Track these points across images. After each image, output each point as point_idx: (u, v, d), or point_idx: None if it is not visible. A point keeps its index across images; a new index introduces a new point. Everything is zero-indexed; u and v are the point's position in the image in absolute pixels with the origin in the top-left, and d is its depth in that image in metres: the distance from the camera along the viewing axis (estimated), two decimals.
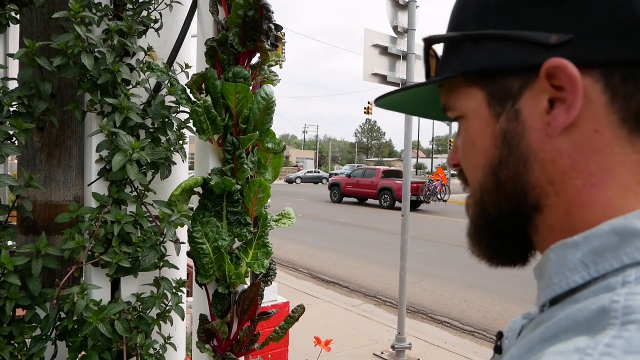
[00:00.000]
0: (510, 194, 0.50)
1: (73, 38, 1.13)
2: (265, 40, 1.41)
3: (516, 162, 0.49)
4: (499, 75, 0.50)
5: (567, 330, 0.40)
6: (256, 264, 1.43)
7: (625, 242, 0.42)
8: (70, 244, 1.16)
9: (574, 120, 0.45)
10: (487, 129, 0.51)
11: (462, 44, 0.52)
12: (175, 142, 1.33)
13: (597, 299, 0.39)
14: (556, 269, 0.46)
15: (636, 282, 0.39)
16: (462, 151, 0.56)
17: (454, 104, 0.55)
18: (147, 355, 1.24)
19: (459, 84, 0.54)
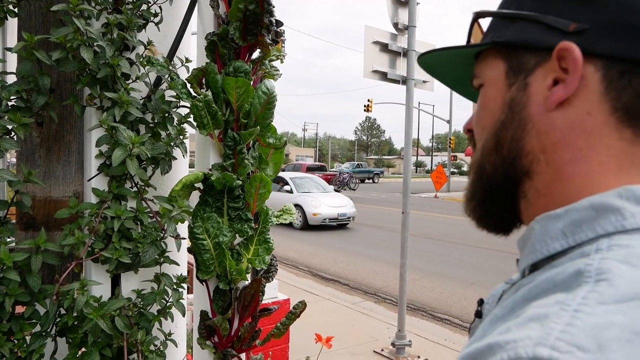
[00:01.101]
0: (506, 155, 0.56)
1: (72, 32, 1.11)
2: (266, 35, 1.39)
3: (516, 127, 0.56)
4: (521, 50, 0.56)
5: (547, 290, 0.46)
6: (257, 260, 1.42)
7: (600, 216, 0.48)
8: (70, 240, 1.15)
9: (570, 99, 0.52)
10: (499, 96, 0.58)
11: (500, 21, 0.59)
12: (176, 137, 1.32)
13: (573, 263, 0.46)
14: (539, 237, 0.51)
15: (607, 249, 0.45)
16: (476, 115, 0.62)
17: (480, 72, 0.62)
18: (147, 351, 1.23)
19: (489, 55, 0.60)
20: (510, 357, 0.38)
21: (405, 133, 5.14)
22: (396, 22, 5.25)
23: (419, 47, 5.30)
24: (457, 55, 0.66)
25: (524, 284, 0.50)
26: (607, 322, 0.38)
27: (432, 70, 0.73)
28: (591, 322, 0.38)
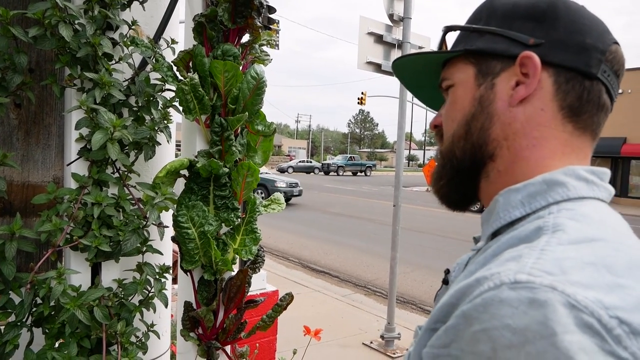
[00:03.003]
0: (475, 141, 0.69)
1: (50, 7, 1.06)
2: (256, 17, 1.34)
3: (484, 119, 0.68)
4: (489, 57, 0.69)
5: (512, 245, 0.58)
6: (244, 250, 1.38)
7: (550, 189, 0.62)
8: (47, 226, 1.10)
9: (529, 98, 0.65)
10: (469, 94, 0.70)
11: (471, 34, 0.71)
12: (160, 121, 1.27)
13: (532, 224, 0.59)
14: (503, 207, 0.64)
15: (557, 212, 0.59)
16: (446, 110, 0.73)
17: (450, 75, 0.73)
18: (127, 343, 1.19)
19: (459, 61, 0.72)
20: (496, 283, 0.49)
21: (398, 126, 5.10)
22: (391, 13, 5.20)
23: (414, 39, 5.25)
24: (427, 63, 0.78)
25: (490, 245, 0.62)
26: (565, 256, 0.51)
27: (401, 75, 0.85)
28: (554, 256, 0.51)
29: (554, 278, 0.47)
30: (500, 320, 0.46)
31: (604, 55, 0.66)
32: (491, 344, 0.47)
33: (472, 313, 0.49)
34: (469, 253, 0.73)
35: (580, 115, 0.66)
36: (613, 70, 0.67)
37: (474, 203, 0.75)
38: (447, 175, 0.73)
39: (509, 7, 0.69)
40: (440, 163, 0.74)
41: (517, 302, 0.46)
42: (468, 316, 0.50)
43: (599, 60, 0.65)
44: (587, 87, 0.65)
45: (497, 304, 0.47)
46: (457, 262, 0.76)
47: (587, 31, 0.66)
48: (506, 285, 0.48)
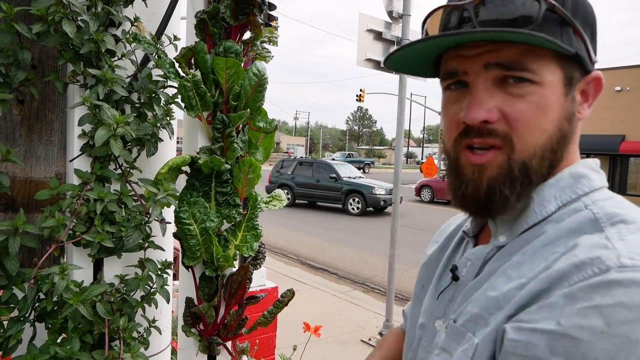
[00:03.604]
0: (559, 158, 0.68)
1: (54, 4, 1.06)
2: (258, 14, 1.35)
3: (569, 136, 0.69)
4: (575, 65, 0.66)
5: (563, 236, 0.62)
6: (245, 246, 1.38)
7: (577, 181, 0.68)
8: (50, 222, 1.11)
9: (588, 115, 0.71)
10: (559, 103, 0.66)
11: (567, 27, 0.64)
12: (162, 117, 1.27)
13: (578, 215, 0.64)
14: (538, 203, 0.67)
15: (593, 203, 0.65)
16: (526, 113, 0.65)
17: (537, 69, 0.64)
18: (129, 338, 1.19)
19: (546, 55, 0.64)
20: (601, 268, 0.54)
21: (397, 123, 5.11)
22: (390, 10, 5.20)
23: (413, 37, 5.25)
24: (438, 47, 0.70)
25: (528, 239, 0.66)
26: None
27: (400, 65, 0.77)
28: (636, 242, 0.56)
29: None
30: (613, 299, 0.51)
31: None
32: (604, 319, 0.50)
33: (577, 293, 0.53)
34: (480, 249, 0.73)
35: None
36: None
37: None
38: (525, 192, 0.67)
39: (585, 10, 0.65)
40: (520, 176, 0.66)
41: (628, 282, 0.51)
42: (572, 295, 0.53)
43: None
44: None
45: (606, 284, 0.52)
46: (466, 257, 0.75)
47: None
48: (614, 269, 0.53)
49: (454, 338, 0.67)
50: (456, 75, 0.68)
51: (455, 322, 0.69)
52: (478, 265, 0.72)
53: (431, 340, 0.77)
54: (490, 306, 0.62)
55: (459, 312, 0.70)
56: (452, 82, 0.69)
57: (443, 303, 0.77)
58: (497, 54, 0.63)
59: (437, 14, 0.69)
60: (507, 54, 0.63)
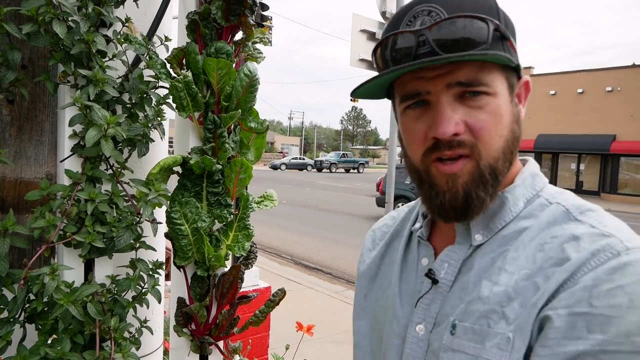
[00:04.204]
0: (514, 156, 0.77)
1: (44, 4, 1.06)
2: (249, 15, 1.35)
3: (520, 137, 0.77)
4: (513, 73, 0.75)
5: (544, 228, 0.71)
6: (237, 246, 1.39)
7: (534, 179, 0.79)
8: (40, 223, 1.11)
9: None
10: (509, 109, 0.74)
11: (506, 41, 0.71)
12: (154, 118, 1.27)
13: (551, 209, 0.74)
14: (512, 202, 0.76)
15: (553, 197, 0.76)
16: (487, 122, 0.71)
17: (491, 82, 0.71)
18: (121, 338, 1.19)
19: (494, 69, 0.71)
20: (614, 253, 0.63)
21: (390, 123, 5.12)
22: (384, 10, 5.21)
23: None
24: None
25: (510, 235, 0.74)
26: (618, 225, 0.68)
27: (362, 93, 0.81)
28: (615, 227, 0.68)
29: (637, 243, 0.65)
30: (630, 278, 0.61)
31: None
32: (628, 296, 0.60)
33: (600, 276, 0.62)
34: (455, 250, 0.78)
35: None
36: None
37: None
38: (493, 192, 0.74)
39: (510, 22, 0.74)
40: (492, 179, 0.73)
41: (636, 262, 0.62)
42: (596, 278, 0.62)
43: None
44: None
45: (623, 266, 0.61)
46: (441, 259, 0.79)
47: None
48: (623, 252, 0.63)
49: (469, 337, 0.70)
50: (418, 95, 0.72)
51: (462, 322, 0.71)
52: (457, 266, 0.77)
53: (421, 345, 0.77)
54: (502, 300, 0.68)
55: (461, 313, 0.72)
56: (413, 102, 0.73)
57: (422, 308, 0.79)
58: (457, 74, 0.68)
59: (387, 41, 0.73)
60: (466, 72, 0.68)
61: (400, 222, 0.98)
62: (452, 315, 0.73)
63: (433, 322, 0.77)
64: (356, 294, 1.00)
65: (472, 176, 0.71)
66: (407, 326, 0.80)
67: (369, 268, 0.98)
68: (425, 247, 0.85)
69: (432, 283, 0.78)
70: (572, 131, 24.70)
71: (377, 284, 0.94)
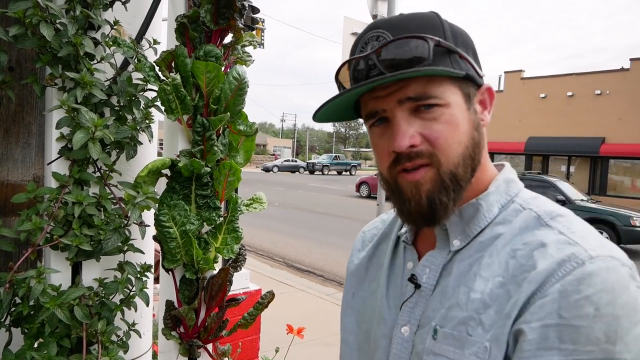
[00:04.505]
0: (475, 163, 0.79)
1: (31, 6, 1.06)
2: (238, 19, 1.36)
3: (481, 142, 0.80)
4: (469, 83, 0.78)
5: (518, 234, 0.74)
6: (225, 249, 1.39)
7: (509, 185, 0.82)
8: (26, 226, 1.10)
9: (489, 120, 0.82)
10: (466, 117, 0.77)
11: (454, 54, 0.76)
12: (142, 121, 1.27)
13: (523, 215, 0.76)
14: (487, 209, 0.79)
15: (526, 203, 0.78)
16: (443, 131, 0.75)
17: (441, 94, 0.75)
18: (108, 342, 1.19)
19: (444, 81, 0.75)
20: (579, 262, 0.65)
21: None
22: (375, 14, 5.24)
23: None
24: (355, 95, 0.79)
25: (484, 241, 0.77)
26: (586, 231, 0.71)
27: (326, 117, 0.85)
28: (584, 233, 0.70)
29: (605, 249, 0.67)
30: (595, 287, 0.63)
31: None
32: (593, 306, 0.62)
33: (567, 287, 0.64)
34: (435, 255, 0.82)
35: None
36: None
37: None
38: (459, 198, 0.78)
39: (460, 35, 0.78)
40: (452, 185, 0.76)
41: (600, 270, 0.64)
42: (564, 290, 0.64)
43: None
44: None
45: (588, 276, 0.64)
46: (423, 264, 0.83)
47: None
48: (587, 261, 0.65)
49: (449, 342, 0.73)
50: (377, 114, 0.78)
51: (442, 328, 0.74)
52: (438, 271, 0.80)
53: (407, 346, 0.81)
54: (478, 307, 0.71)
55: (441, 319, 0.75)
56: (375, 120, 0.79)
57: (406, 310, 0.82)
58: (405, 90, 0.74)
59: (345, 67, 0.80)
60: (414, 88, 0.74)
61: (388, 225, 1.01)
62: (434, 320, 0.76)
63: (417, 324, 0.80)
64: (345, 292, 1.03)
65: (433, 183, 0.75)
66: (394, 327, 0.83)
67: (358, 269, 1.00)
68: (410, 252, 0.88)
69: (414, 287, 0.81)
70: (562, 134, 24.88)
71: (365, 285, 0.96)
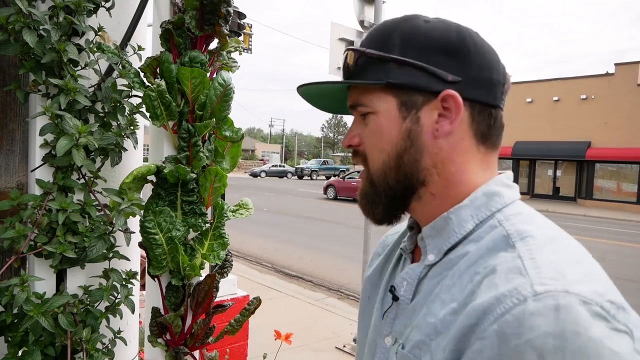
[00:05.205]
0: (408, 172, 0.74)
1: (14, 13, 1.05)
2: (223, 25, 1.36)
3: (414, 152, 0.74)
4: (411, 90, 0.73)
5: (484, 255, 0.66)
6: (212, 255, 1.39)
7: (490, 199, 0.73)
8: (10, 233, 1.09)
9: (452, 129, 0.73)
10: (395, 126, 0.74)
11: (388, 63, 0.73)
12: (127, 127, 1.27)
13: (493, 233, 0.68)
14: (457, 224, 0.72)
15: (506, 219, 0.69)
16: (369, 137, 0.77)
17: (368, 102, 0.76)
18: (93, 350, 1.18)
19: (376, 89, 0.75)
20: (520, 299, 0.55)
21: None
22: (362, 19, 5.27)
23: None
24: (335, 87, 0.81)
25: (453, 258, 0.70)
26: (552, 259, 0.60)
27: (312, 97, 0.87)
28: (547, 261, 0.59)
29: (561, 282, 0.56)
30: (538, 330, 0.53)
31: (504, 86, 0.76)
32: (537, 352, 0.53)
33: (506, 330, 0.55)
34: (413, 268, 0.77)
35: (489, 138, 0.76)
36: (506, 93, 0.77)
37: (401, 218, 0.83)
38: (382, 203, 0.78)
39: (423, 39, 0.73)
40: (372, 190, 0.78)
41: (546, 310, 0.54)
42: (502, 333, 0.55)
43: (502, 92, 0.76)
44: (493, 115, 0.75)
45: (529, 316, 0.54)
46: (402, 277, 0.79)
47: (494, 67, 0.74)
48: (530, 298, 0.55)
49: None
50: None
51: (403, 349, 0.72)
52: (413, 285, 0.76)
53: (386, 356, 0.80)
54: (431, 332, 0.66)
55: (405, 337, 0.73)
56: None
57: (388, 321, 0.81)
58: (349, 98, 0.80)
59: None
60: (352, 96, 0.79)
61: (402, 233, 0.98)
62: (401, 337, 0.74)
63: (395, 337, 0.78)
64: (361, 296, 1.02)
65: (363, 184, 0.80)
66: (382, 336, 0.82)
67: (373, 273, 0.99)
68: (406, 260, 0.86)
69: (392, 299, 0.79)
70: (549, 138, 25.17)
71: (376, 290, 0.95)
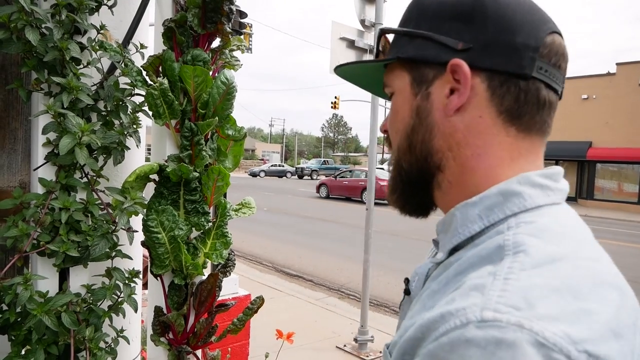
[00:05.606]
0: (419, 154, 0.67)
1: (16, 11, 1.05)
2: (226, 23, 1.36)
3: (424, 131, 0.66)
4: (422, 64, 0.66)
5: (474, 264, 0.56)
6: (214, 254, 1.38)
7: (507, 200, 0.60)
8: (13, 232, 1.09)
9: (464, 106, 0.63)
10: (407, 104, 0.68)
11: (402, 37, 0.69)
12: (129, 125, 1.26)
13: (493, 240, 0.57)
14: (461, 222, 0.62)
15: (516, 226, 0.57)
16: (390, 119, 0.73)
17: (390, 82, 0.72)
18: (96, 348, 1.18)
19: (395, 68, 0.70)
20: (462, 322, 0.47)
21: (370, 130, 5.16)
22: (363, 19, 5.25)
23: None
24: (370, 66, 0.77)
25: (452, 262, 0.61)
26: (530, 284, 0.48)
27: (350, 78, 0.82)
28: (519, 285, 0.48)
29: (521, 314, 0.45)
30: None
31: (537, 51, 0.61)
32: None
33: (438, 352, 0.48)
34: (428, 262, 0.71)
35: (521, 117, 0.62)
36: (551, 63, 0.62)
37: (433, 209, 0.73)
38: (399, 188, 0.72)
39: (436, 7, 0.66)
40: (392, 175, 0.73)
41: (485, 342, 0.45)
42: (435, 355, 0.48)
43: (532, 59, 0.61)
44: (523, 88, 0.61)
45: (464, 344, 0.46)
46: (415, 271, 0.73)
47: (517, 28, 0.61)
48: (473, 323, 0.46)
49: None
50: None
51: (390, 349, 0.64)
52: (422, 281, 0.70)
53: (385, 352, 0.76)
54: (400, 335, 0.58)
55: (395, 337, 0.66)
56: None
57: (401, 315, 0.76)
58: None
59: None
60: (384, 80, 0.74)
61: None
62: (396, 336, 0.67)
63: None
64: None
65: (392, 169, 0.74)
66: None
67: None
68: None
69: (404, 293, 0.75)
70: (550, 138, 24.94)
71: None
